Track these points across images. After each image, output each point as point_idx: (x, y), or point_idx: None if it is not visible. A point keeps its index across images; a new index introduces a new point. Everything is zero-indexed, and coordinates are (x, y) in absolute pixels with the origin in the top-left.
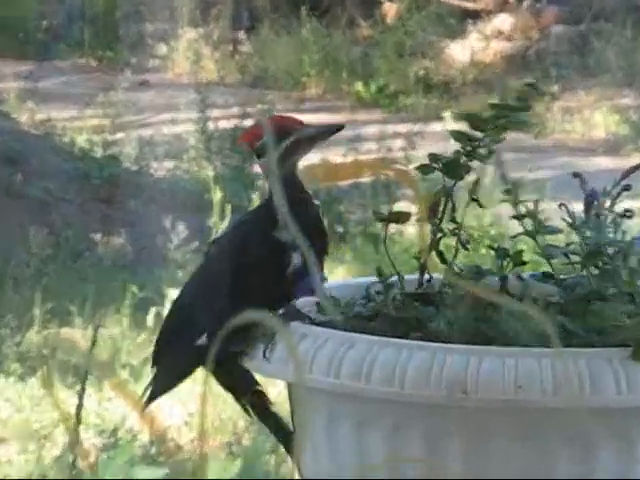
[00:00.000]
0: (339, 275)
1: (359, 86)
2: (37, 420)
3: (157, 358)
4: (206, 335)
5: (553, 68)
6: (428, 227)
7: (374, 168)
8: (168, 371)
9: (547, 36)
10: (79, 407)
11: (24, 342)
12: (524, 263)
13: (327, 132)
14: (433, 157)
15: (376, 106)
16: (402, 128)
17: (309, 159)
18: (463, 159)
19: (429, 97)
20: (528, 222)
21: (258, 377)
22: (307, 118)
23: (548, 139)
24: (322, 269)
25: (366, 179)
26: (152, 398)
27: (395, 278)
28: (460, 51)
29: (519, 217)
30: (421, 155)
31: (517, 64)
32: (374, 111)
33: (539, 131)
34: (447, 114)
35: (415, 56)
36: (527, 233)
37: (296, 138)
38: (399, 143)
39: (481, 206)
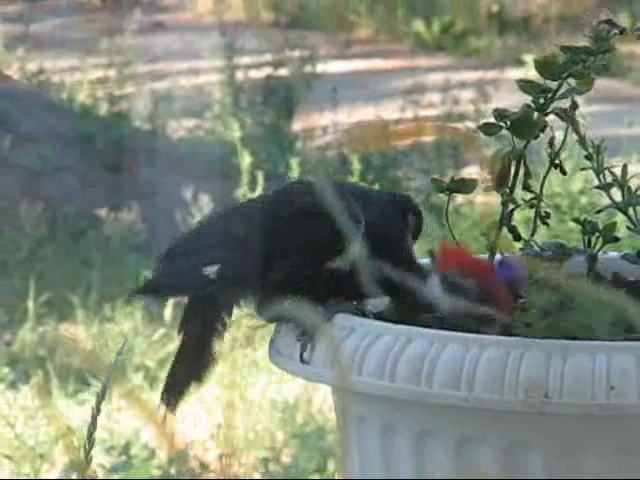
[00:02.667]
0: None
1: (419, 25)
2: (32, 436)
3: (163, 259)
4: (217, 271)
5: None
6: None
7: (428, 131)
8: (165, 282)
9: None
10: (92, 426)
11: (16, 341)
12: (617, 239)
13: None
14: (498, 113)
15: (440, 49)
16: (472, 76)
17: (360, 116)
18: (535, 115)
19: (504, 38)
20: (617, 192)
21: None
22: (356, 65)
23: None
24: None
25: (428, 138)
26: (147, 290)
27: None
28: None
29: (604, 187)
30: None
31: None
32: (437, 55)
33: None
34: (528, 58)
35: None
36: (615, 205)
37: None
38: (468, 94)
39: (563, 172)
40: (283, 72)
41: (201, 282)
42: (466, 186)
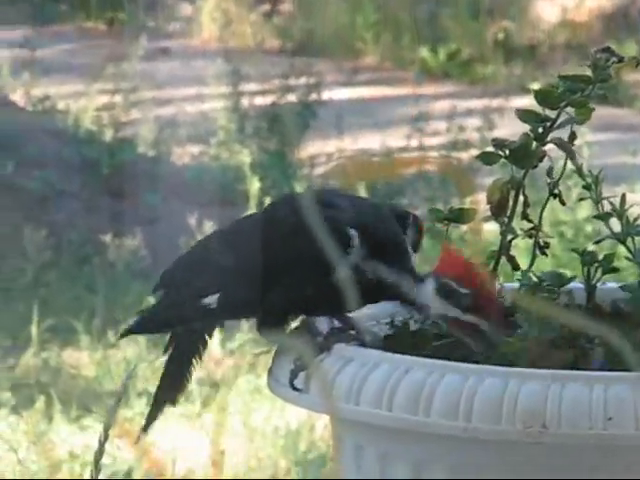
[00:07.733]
0: None
1: (425, 52)
2: (34, 461)
3: (162, 284)
4: (217, 299)
5: None
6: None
7: (412, 164)
8: (161, 318)
9: None
10: (99, 453)
11: (19, 366)
12: (616, 270)
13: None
14: (497, 142)
15: (446, 77)
16: (477, 103)
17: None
18: (534, 144)
19: (510, 65)
20: (616, 222)
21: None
22: (362, 92)
23: None
24: None
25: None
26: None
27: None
28: (548, 9)
29: (602, 217)
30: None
31: (617, 24)
32: (443, 83)
33: None
34: (534, 86)
35: (493, 15)
36: (614, 235)
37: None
38: (474, 122)
39: (562, 203)
40: (290, 98)
41: (201, 313)
42: (464, 216)
